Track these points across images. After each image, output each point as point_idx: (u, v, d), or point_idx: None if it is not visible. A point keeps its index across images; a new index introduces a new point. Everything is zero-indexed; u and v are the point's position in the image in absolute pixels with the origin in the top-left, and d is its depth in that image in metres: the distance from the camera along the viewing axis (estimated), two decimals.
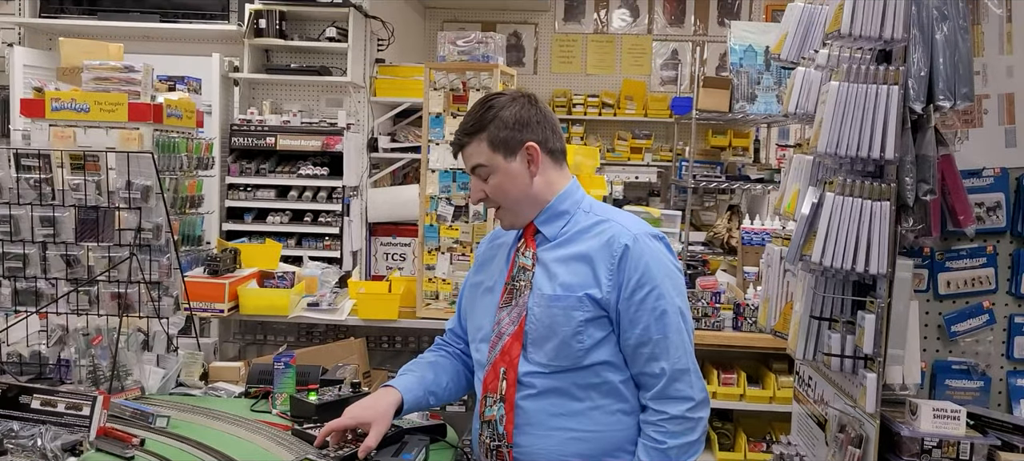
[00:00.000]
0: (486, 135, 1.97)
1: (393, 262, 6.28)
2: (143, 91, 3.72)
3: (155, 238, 2.73)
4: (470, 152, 2.00)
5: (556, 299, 1.96)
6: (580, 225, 2.02)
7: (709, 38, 7.80)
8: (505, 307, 2.03)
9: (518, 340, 1.99)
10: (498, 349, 2.02)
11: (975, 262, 2.41)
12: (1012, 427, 2.21)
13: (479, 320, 2.11)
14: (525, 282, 2.01)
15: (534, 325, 1.98)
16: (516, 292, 2.02)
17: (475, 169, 2.00)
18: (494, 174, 1.98)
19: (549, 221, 2.04)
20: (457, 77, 3.99)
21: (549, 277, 1.99)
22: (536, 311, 1.97)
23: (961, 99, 2.05)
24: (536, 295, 1.99)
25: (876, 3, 2.05)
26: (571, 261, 1.98)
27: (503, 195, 2.00)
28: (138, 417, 2.41)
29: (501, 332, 2.02)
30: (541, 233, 2.05)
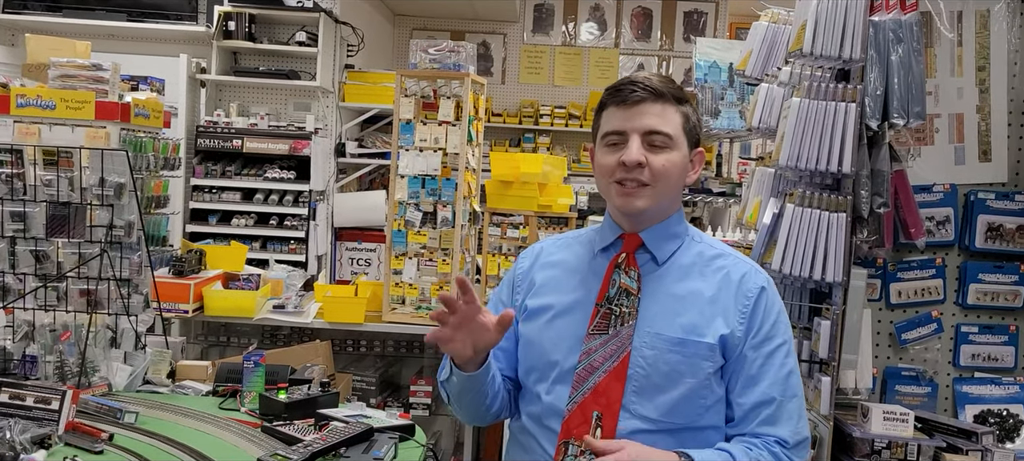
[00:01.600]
0: (685, 110, 1.66)
1: (358, 267, 6.29)
2: (111, 90, 3.71)
3: (127, 235, 2.74)
4: (663, 114, 1.62)
5: (680, 343, 1.60)
6: (694, 254, 1.69)
7: (674, 53, 7.95)
8: (599, 335, 1.63)
9: (619, 381, 1.60)
10: (589, 387, 1.61)
11: (925, 273, 2.52)
12: (957, 430, 2.31)
13: (549, 352, 1.67)
14: (628, 308, 1.63)
15: (644, 369, 1.59)
16: (614, 319, 1.63)
17: (655, 134, 1.61)
18: (671, 151, 1.62)
19: (661, 239, 1.68)
20: (428, 84, 4.03)
21: (664, 312, 1.63)
22: (647, 353, 1.60)
23: (914, 118, 2.16)
24: (645, 331, 1.62)
25: (836, 24, 2.15)
26: (691, 297, 1.63)
27: (664, 178, 1.62)
28: (106, 412, 2.41)
29: (593, 366, 1.61)
30: (649, 252, 1.67)
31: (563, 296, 1.70)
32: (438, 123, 3.99)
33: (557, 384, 1.64)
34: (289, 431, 2.37)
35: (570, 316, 1.67)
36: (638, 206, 1.62)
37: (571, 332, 1.65)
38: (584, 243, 1.77)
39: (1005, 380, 2.53)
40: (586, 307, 1.66)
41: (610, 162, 1.62)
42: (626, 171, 1.60)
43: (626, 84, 1.64)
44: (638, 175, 1.60)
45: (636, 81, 1.63)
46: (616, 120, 1.63)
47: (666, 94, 1.63)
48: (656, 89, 1.62)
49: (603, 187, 1.68)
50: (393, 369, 4.48)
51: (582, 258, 1.74)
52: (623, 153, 1.60)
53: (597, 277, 1.68)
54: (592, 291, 1.67)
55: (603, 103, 1.68)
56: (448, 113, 3.99)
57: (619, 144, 1.62)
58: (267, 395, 2.57)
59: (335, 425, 2.41)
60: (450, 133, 3.97)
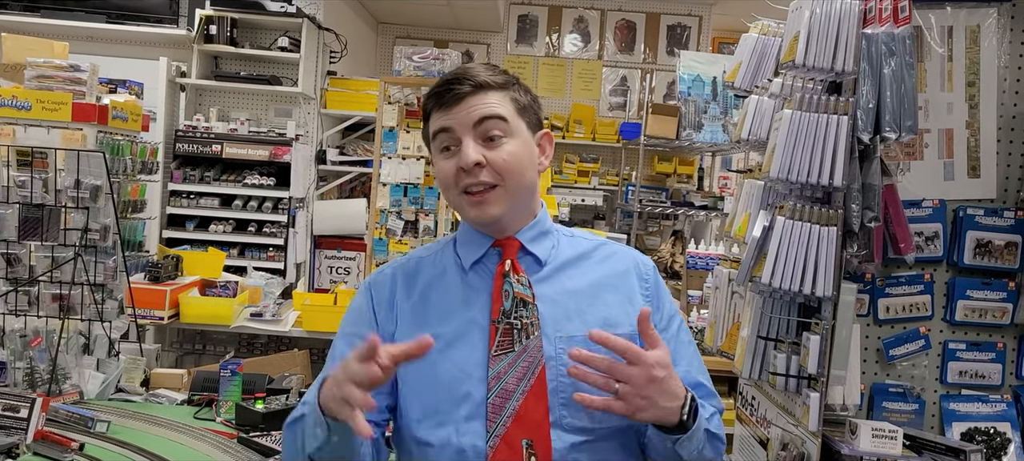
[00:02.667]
0: (513, 93, 1.51)
1: (338, 276, 6.22)
2: (88, 91, 3.64)
3: (102, 239, 2.67)
4: (491, 101, 1.46)
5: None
6: (572, 247, 1.58)
7: (658, 66, 7.96)
8: (504, 355, 1.44)
9: (540, 399, 1.42)
10: (508, 414, 1.41)
11: (913, 289, 2.50)
12: (945, 448, 2.29)
13: (450, 388, 1.44)
14: (529, 318, 1.45)
15: (568, 377, 1.39)
16: (517, 333, 1.45)
17: (487, 122, 1.45)
18: (512, 139, 1.47)
19: (537, 239, 1.55)
20: (412, 92, 4.00)
21: (568, 312, 1.48)
22: (566, 359, 1.40)
23: (906, 131, 2.14)
24: (557, 337, 1.46)
25: (829, 36, 2.14)
26: (591, 290, 1.51)
27: (513, 169, 1.46)
28: (77, 421, 2.35)
29: (506, 390, 1.42)
30: (530, 254, 1.53)
31: (448, 323, 1.48)
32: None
33: (469, 421, 1.42)
34: (266, 442, 2.32)
35: (464, 342, 1.46)
36: (493, 213, 1.47)
37: (470, 359, 1.44)
38: (441, 259, 1.57)
39: (992, 398, 2.51)
40: (480, 328, 1.46)
41: (448, 169, 1.46)
42: (468, 176, 1.44)
43: (446, 82, 1.48)
44: (480, 176, 1.44)
45: (455, 77, 1.48)
46: (442, 120, 1.46)
47: (489, 83, 1.47)
48: (477, 81, 1.46)
49: (451, 200, 1.51)
50: None
51: (450, 277, 1.53)
52: (458, 157, 1.44)
53: (478, 293, 1.49)
54: (480, 309, 1.48)
55: (427, 110, 1.51)
56: None
57: (452, 145, 1.46)
58: (244, 405, 2.51)
59: None
60: None
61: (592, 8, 7.97)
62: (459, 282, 1.52)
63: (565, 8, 7.99)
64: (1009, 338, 2.53)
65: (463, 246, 1.55)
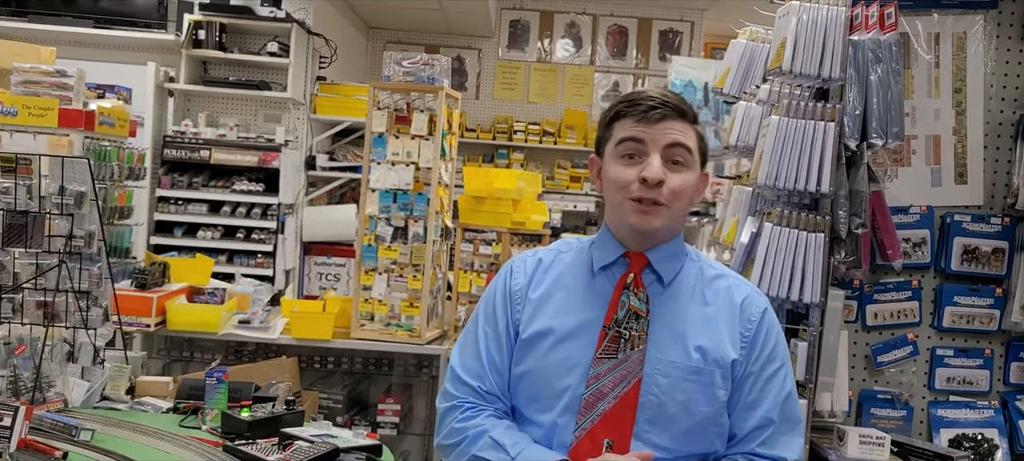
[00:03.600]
0: (699, 130, 1.61)
1: (327, 282, 6.19)
2: (75, 97, 3.62)
3: (86, 246, 2.65)
4: (684, 131, 1.56)
5: (696, 372, 1.55)
6: (695, 274, 1.64)
7: (650, 72, 7.97)
8: (607, 360, 1.55)
9: (630, 409, 1.53)
10: (598, 413, 1.54)
11: (901, 295, 2.51)
12: (932, 454, 2.29)
13: (554, 380, 1.57)
14: (638, 332, 1.56)
15: (658, 398, 1.53)
16: (623, 343, 1.55)
17: (676, 148, 1.55)
18: (689, 171, 1.57)
19: (667, 260, 1.62)
20: (401, 97, 3.98)
21: (674, 337, 1.57)
22: (661, 381, 1.54)
23: (892, 138, 2.14)
24: (657, 358, 1.55)
25: (816, 43, 2.14)
26: (700, 321, 1.59)
27: (680, 195, 1.56)
28: (61, 430, 2.32)
29: (601, 392, 1.54)
30: (655, 272, 1.61)
31: (565, 319, 1.60)
32: (411, 137, 3.94)
33: (565, 413, 1.55)
34: (252, 451, 2.30)
35: (575, 340, 1.58)
36: (655, 225, 1.56)
37: (577, 357, 1.56)
38: (577, 258, 1.67)
39: (980, 404, 2.52)
40: (592, 330, 1.57)
41: (627, 175, 1.54)
42: (646, 188, 1.53)
43: (645, 98, 1.56)
44: (656, 194, 1.53)
45: (655, 96, 1.56)
46: (635, 130, 1.55)
47: (686, 112, 1.58)
48: (678, 107, 1.56)
49: (616, 202, 1.58)
50: (361, 387, 4.39)
51: (579, 276, 1.64)
52: (644, 168, 1.53)
53: (599, 297, 1.60)
54: (597, 312, 1.58)
55: (618, 113, 1.58)
56: (421, 127, 3.93)
57: (636, 155, 1.55)
58: (230, 413, 2.49)
59: (300, 445, 2.33)
60: (423, 147, 3.92)
61: (584, 13, 7.97)
62: (586, 282, 1.63)
63: (557, 13, 7.99)
64: (997, 344, 2.54)
65: (598, 248, 1.65)
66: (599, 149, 1.64)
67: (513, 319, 1.63)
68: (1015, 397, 2.53)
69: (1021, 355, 2.54)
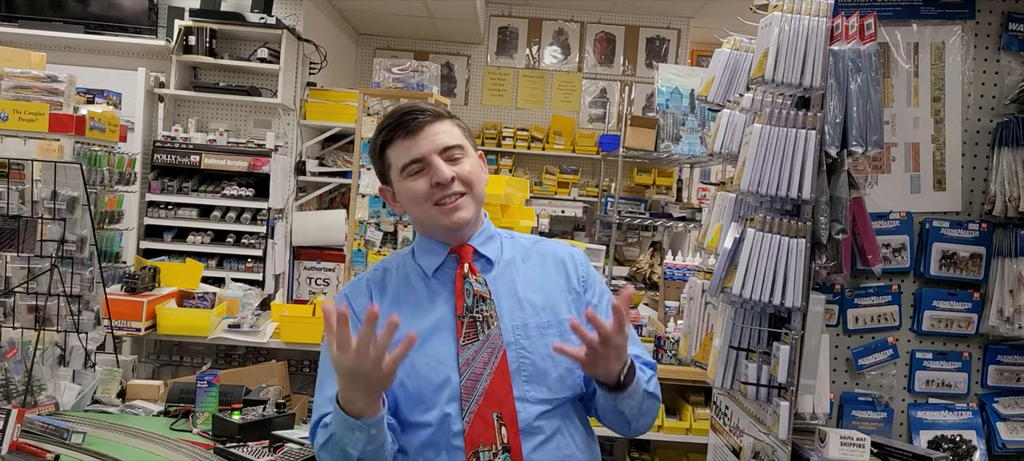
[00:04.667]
0: (456, 121, 1.78)
1: (317, 287, 6.21)
2: (66, 102, 3.63)
3: (78, 251, 2.67)
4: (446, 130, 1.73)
5: (548, 325, 1.73)
6: (514, 247, 1.84)
7: (637, 79, 8.03)
8: (471, 344, 1.69)
9: (504, 377, 1.67)
10: (479, 393, 1.66)
11: (881, 300, 2.55)
12: (912, 456, 2.34)
13: (432, 376, 1.68)
14: (488, 311, 1.71)
15: (528, 357, 1.70)
16: (480, 324, 1.70)
17: (449, 150, 1.71)
18: (467, 157, 1.74)
19: (486, 243, 1.80)
20: (391, 104, 4.02)
21: (519, 304, 1.75)
22: (524, 343, 1.70)
23: (872, 146, 2.19)
24: (512, 326, 1.71)
25: (797, 53, 2.18)
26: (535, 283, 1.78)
27: (473, 179, 1.73)
28: (52, 433, 2.34)
29: (476, 374, 1.67)
30: (482, 256, 1.79)
31: (419, 323, 1.70)
32: None
33: (450, 402, 1.66)
34: (243, 453, 2.33)
35: (436, 338, 1.70)
36: (465, 216, 1.72)
37: (444, 351, 1.69)
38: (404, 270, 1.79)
39: (958, 406, 2.56)
40: (447, 324, 1.71)
41: (421, 187, 1.69)
42: (442, 190, 1.69)
43: (403, 117, 1.71)
44: (453, 188, 1.70)
45: (411, 109, 1.72)
46: (409, 150, 1.70)
47: (442, 113, 1.75)
48: (433, 112, 1.73)
49: (422, 214, 1.73)
50: None
51: (416, 284, 1.77)
52: (432, 174, 1.68)
53: (442, 296, 1.74)
54: (445, 308, 1.72)
55: (386, 142, 1.73)
56: None
57: (422, 171, 1.70)
58: (221, 416, 2.52)
59: (290, 447, 2.36)
60: None
61: (572, 21, 8.03)
62: (424, 287, 1.76)
63: (545, 21, 8.05)
64: (974, 348, 2.59)
65: (423, 255, 1.79)
66: (384, 180, 1.78)
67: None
68: (992, 399, 2.58)
69: (998, 358, 2.59)
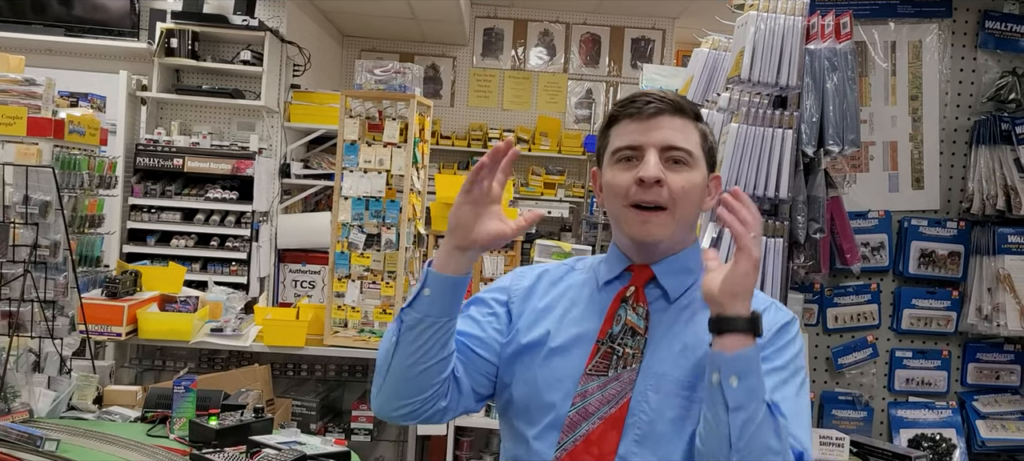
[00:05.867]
0: (703, 128, 1.48)
1: (302, 289, 6.18)
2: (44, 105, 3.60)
3: (52, 255, 2.64)
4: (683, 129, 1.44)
5: (689, 388, 1.40)
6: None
7: (622, 79, 8.03)
8: (596, 377, 1.42)
9: (615, 429, 1.40)
10: (580, 434, 1.40)
11: (860, 299, 2.55)
12: (892, 455, 2.33)
13: (543, 392, 1.45)
14: (633, 349, 1.43)
15: (648, 415, 1.39)
16: (616, 360, 1.43)
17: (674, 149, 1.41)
18: (691, 171, 1.42)
19: (675, 273, 1.47)
20: (373, 105, 4.00)
21: (673, 354, 1.42)
22: (652, 397, 1.40)
23: (849, 145, 2.19)
24: (651, 373, 1.41)
25: (773, 52, 2.18)
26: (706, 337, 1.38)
27: (684, 201, 1.41)
28: (25, 440, 2.31)
29: (587, 411, 1.41)
30: (661, 287, 1.47)
31: (561, 330, 1.48)
32: (383, 144, 3.96)
33: (548, 430, 1.43)
34: (219, 459, 2.30)
35: (567, 354, 1.46)
36: (656, 235, 1.42)
37: (567, 372, 1.44)
38: (586, 273, 1.56)
39: (938, 404, 2.57)
40: (585, 344, 1.45)
41: (623, 181, 1.42)
42: (643, 190, 1.40)
43: (640, 96, 1.46)
44: (656, 195, 1.40)
45: (651, 94, 1.45)
46: (630, 134, 1.43)
47: (685, 109, 1.46)
48: (674, 103, 1.45)
49: (615, 212, 1.46)
50: (335, 394, 4.40)
51: (584, 289, 1.53)
52: (639, 169, 1.40)
53: (597, 311, 1.48)
54: (592, 326, 1.47)
55: (613, 117, 1.48)
56: (393, 134, 3.95)
57: (634, 160, 1.42)
58: (198, 421, 2.49)
59: (267, 452, 2.34)
60: (395, 155, 3.94)
61: (557, 21, 8.02)
62: (589, 296, 1.52)
63: (530, 22, 8.04)
64: (954, 346, 2.59)
65: (605, 263, 1.54)
66: (599, 160, 1.52)
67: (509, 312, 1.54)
68: (972, 397, 2.58)
69: (978, 356, 2.59)
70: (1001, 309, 2.44)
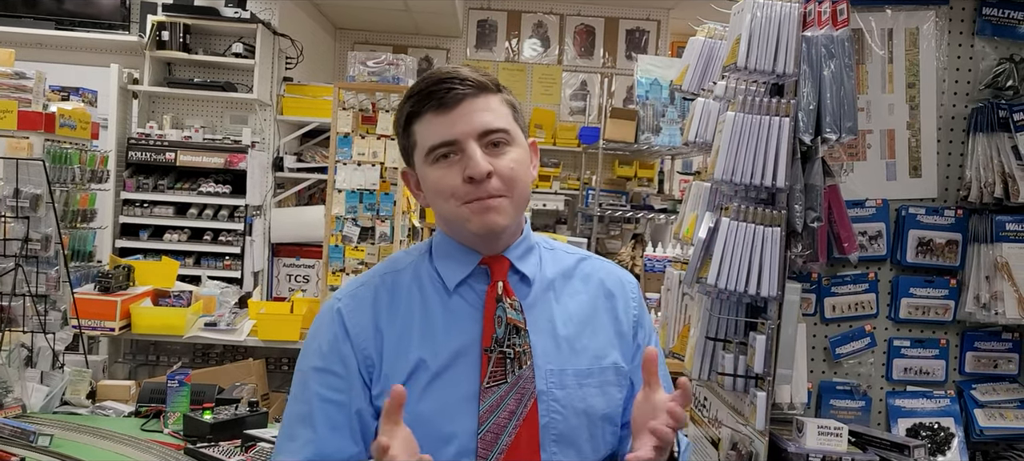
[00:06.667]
0: (507, 98, 1.39)
1: (296, 283, 6.16)
2: (34, 99, 3.57)
3: (43, 249, 2.62)
4: (494, 107, 1.34)
5: (588, 374, 1.37)
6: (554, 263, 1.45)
7: (617, 71, 8.01)
8: (497, 386, 1.32)
9: (533, 433, 1.32)
10: (501, 449, 1.31)
11: (858, 288, 2.54)
12: (890, 444, 2.33)
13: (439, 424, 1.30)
14: (522, 346, 1.34)
15: (561, 413, 1.34)
16: (510, 363, 1.33)
17: (491, 134, 1.33)
18: (514, 147, 1.35)
19: (524, 256, 1.42)
20: (367, 97, 3.98)
21: (556, 341, 1.37)
22: (558, 394, 1.34)
23: (846, 133, 2.17)
24: (547, 369, 1.35)
25: (769, 39, 2.16)
26: (578, 319, 1.40)
27: (516, 178, 1.34)
28: (18, 435, 2.29)
29: (499, 425, 1.31)
30: (518, 272, 1.41)
31: (435, 351, 1.32)
32: (377, 137, 3.94)
33: (459, 458, 1.29)
34: (214, 453, 2.29)
35: (450, 374, 1.32)
36: (501, 222, 1.33)
37: (460, 392, 1.31)
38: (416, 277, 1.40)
39: (936, 393, 2.55)
40: (469, 359, 1.32)
41: (451, 181, 1.31)
42: (476, 187, 1.30)
43: (437, 84, 1.33)
44: (491, 188, 1.30)
45: (448, 77, 1.33)
46: (439, 128, 1.32)
47: (487, 84, 1.35)
48: (475, 81, 1.33)
49: (449, 212, 1.34)
50: None
51: (430, 297, 1.37)
52: (466, 166, 1.30)
53: (463, 318, 1.35)
54: (468, 336, 1.34)
55: (413, 113, 1.35)
56: (387, 127, 3.93)
57: (453, 157, 1.32)
58: (192, 415, 2.48)
59: (262, 446, 2.33)
60: (389, 147, 3.92)
61: (551, 13, 8.00)
62: (441, 305, 1.37)
63: (524, 13, 8.01)
64: (952, 335, 2.58)
65: (444, 262, 1.40)
66: (408, 159, 1.41)
67: (364, 365, 1.34)
68: (970, 386, 2.57)
69: (976, 345, 2.58)
70: (999, 297, 2.43)
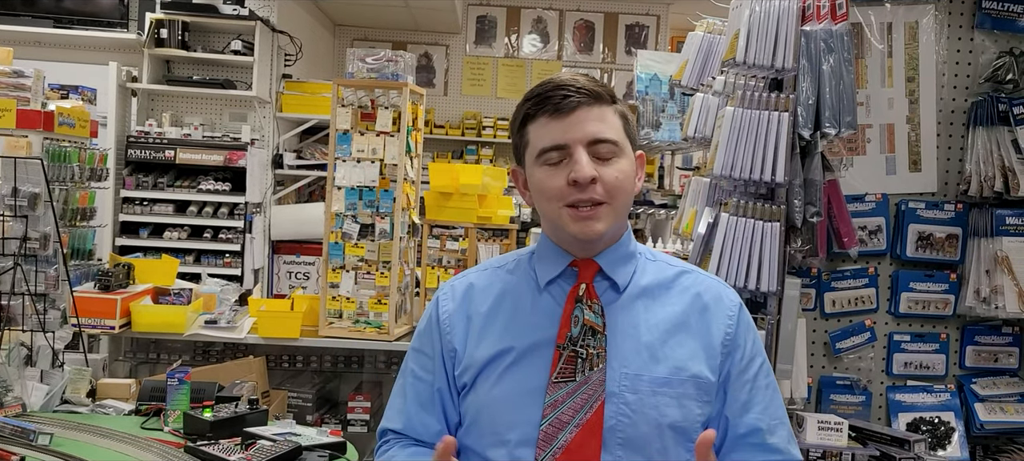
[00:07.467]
0: (622, 110, 1.43)
1: (297, 281, 6.16)
2: (33, 97, 3.56)
3: (42, 248, 2.62)
4: (603, 118, 1.39)
5: (666, 383, 1.37)
6: (653, 274, 1.47)
7: (616, 66, 8.00)
8: (564, 384, 1.37)
9: (594, 436, 1.35)
10: (559, 445, 1.35)
11: (858, 283, 2.54)
12: (890, 439, 2.33)
13: (505, 411, 1.39)
14: (596, 349, 1.38)
15: (628, 417, 1.36)
16: (581, 363, 1.38)
17: (601, 143, 1.38)
18: (620, 159, 1.39)
19: (619, 263, 1.45)
20: (366, 94, 3.96)
21: (638, 347, 1.40)
22: (629, 398, 1.36)
23: (845, 127, 2.17)
24: (622, 373, 1.38)
25: (768, 34, 2.16)
26: (665, 327, 1.42)
27: (620, 188, 1.39)
28: (18, 434, 2.29)
29: (561, 421, 1.36)
30: (608, 278, 1.44)
31: (512, 342, 1.42)
32: (376, 133, 3.92)
33: (520, 447, 1.36)
34: (214, 451, 2.29)
35: (525, 365, 1.40)
36: (599, 230, 1.38)
37: (529, 384, 1.38)
38: (517, 274, 1.50)
39: (936, 388, 2.56)
40: (543, 352, 1.39)
41: (556, 183, 1.38)
42: (579, 191, 1.36)
43: (554, 90, 1.39)
44: (592, 194, 1.37)
45: (565, 84, 1.39)
46: (552, 132, 1.38)
47: (602, 95, 1.41)
48: (591, 91, 1.39)
49: (551, 213, 1.42)
50: (331, 385, 4.38)
51: (524, 293, 1.46)
52: (571, 170, 1.36)
53: (548, 315, 1.42)
54: (547, 332, 1.41)
55: (529, 115, 1.42)
56: (386, 123, 3.92)
57: (561, 161, 1.38)
58: (192, 414, 2.48)
59: (262, 444, 2.33)
60: (388, 144, 3.90)
61: (551, 8, 7.98)
62: (531, 301, 1.45)
63: (524, 9, 8.00)
64: (952, 329, 2.58)
65: (540, 262, 1.48)
66: (518, 158, 1.48)
67: (447, 351, 1.47)
68: (970, 380, 2.57)
69: (976, 339, 2.59)
70: (999, 291, 2.43)
